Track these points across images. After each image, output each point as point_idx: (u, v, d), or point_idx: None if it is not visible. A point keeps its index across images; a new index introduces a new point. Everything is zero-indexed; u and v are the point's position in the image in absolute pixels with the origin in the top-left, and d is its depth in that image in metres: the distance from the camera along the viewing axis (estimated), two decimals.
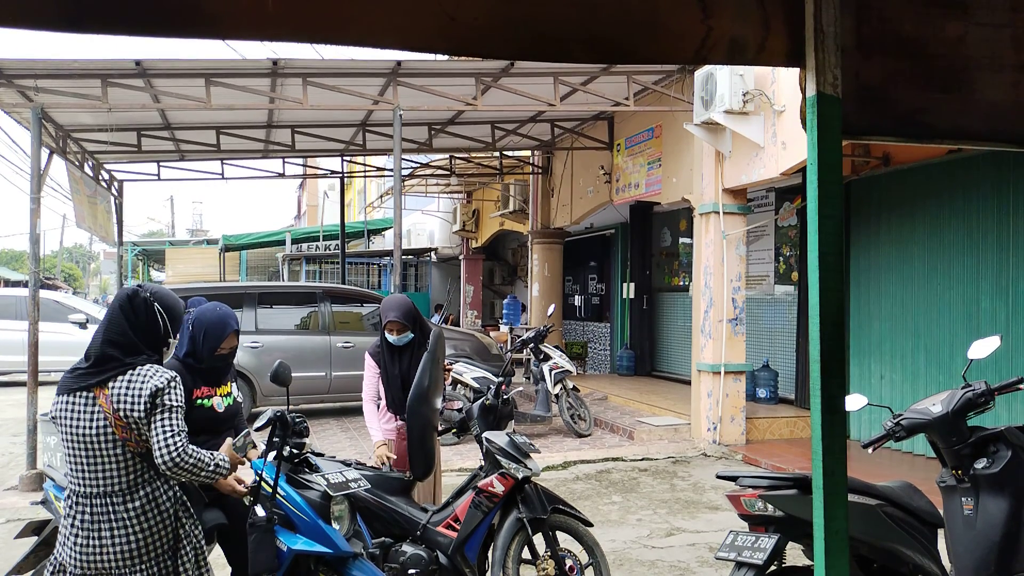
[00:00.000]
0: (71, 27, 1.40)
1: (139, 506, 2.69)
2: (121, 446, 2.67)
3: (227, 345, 3.50)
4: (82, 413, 2.68)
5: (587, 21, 1.62)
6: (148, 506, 2.70)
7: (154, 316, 2.80)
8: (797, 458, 7.67)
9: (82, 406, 2.68)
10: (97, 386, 2.69)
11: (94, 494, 2.68)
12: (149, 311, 2.80)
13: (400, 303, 4.53)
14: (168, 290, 2.99)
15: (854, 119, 1.76)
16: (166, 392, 2.69)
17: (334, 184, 25.65)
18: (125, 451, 2.68)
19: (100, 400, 2.67)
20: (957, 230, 7.52)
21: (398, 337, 4.49)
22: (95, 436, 2.66)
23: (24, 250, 51.83)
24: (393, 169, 8.85)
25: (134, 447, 2.69)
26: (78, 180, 10.08)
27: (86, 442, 2.67)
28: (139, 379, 2.69)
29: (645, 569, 4.98)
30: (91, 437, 2.66)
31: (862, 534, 3.06)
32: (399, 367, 4.51)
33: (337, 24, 1.49)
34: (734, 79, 7.74)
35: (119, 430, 2.66)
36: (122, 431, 2.67)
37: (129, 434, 2.67)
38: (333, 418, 10.47)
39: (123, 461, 2.68)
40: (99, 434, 2.66)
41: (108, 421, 2.66)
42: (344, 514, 3.54)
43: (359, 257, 20.80)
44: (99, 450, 2.66)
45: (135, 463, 2.70)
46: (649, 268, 13.60)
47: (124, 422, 2.66)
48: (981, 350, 3.40)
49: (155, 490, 2.74)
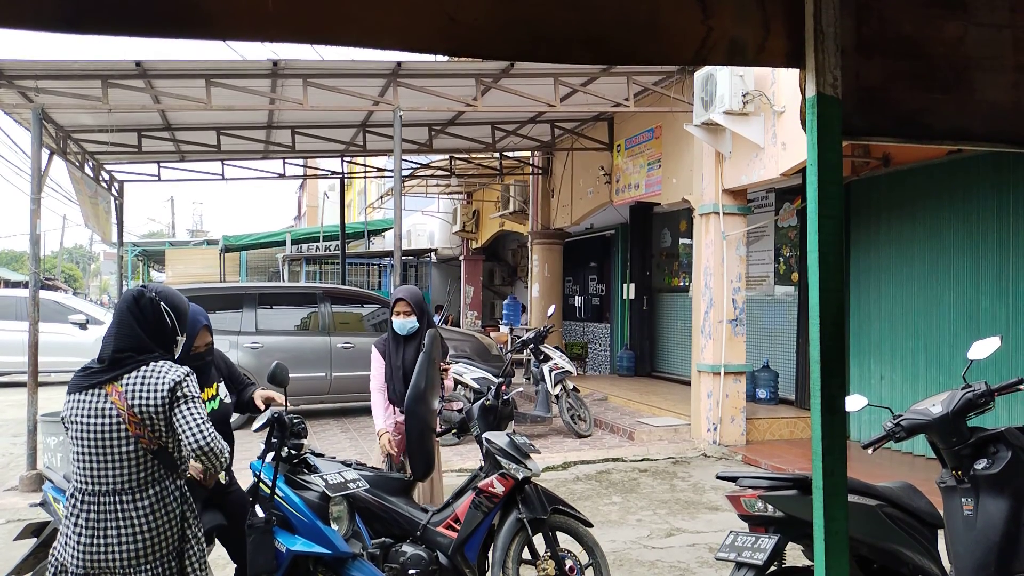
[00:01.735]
0: (70, 28, 1.40)
1: (148, 505, 2.68)
2: (134, 443, 2.66)
3: (200, 342, 3.47)
4: (94, 409, 2.67)
5: (587, 22, 1.62)
6: (156, 505, 2.69)
7: (161, 315, 2.81)
8: (797, 458, 7.67)
9: (94, 403, 2.68)
10: (109, 383, 2.68)
11: (103, 491, 2.66)
12: (156, 310, 2.81)
13: (412, 289, 4.72)
14: (173, 289, 2.99)
15: (854, 120, 1.76)
16: (185, 385, 2.70)
17: (334, 185, 25.66)
18: (138, 448, 2.67)
19: (113, 397, 2.66)
20: (957, 230, 7.52)
21: (403, 321, 4.53)
22: (107, 432, 2.65)
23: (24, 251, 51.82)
24: (393, 170, 8.85)
25: (147, 444, 2.68)
26: (79, 181, 10.09)
27: (97, 439, 2.65)
28: (154, 374, 2.69)
29: (645, 569, 4.98)
30: (103, 433, 2.65)
31: (862, 534, 3.06)
32: (403, 359, 4.55)
33: (337, 24, 1.49)
34: (734, 80, 7.75)
35: (132, 427, 2.65)
36: (135, 427, 2.65)
37: (143, 430, 2.66)
38: (333, 418, 10.47)
39: (134, 458, 2.67)
40: (111, 430, 2.65)
41: (122, 417, 2.65)
42: (343, 515, 3.54)
43: (359, 258, 20.79)
44: (111, 447, 2.65)
45: (146, 460, 2.69)
46: (649, 269, 13.60)
47: (138, 418, 2.65)
48: (981, 351, 3.40)
49: (164, 489, 2.73)
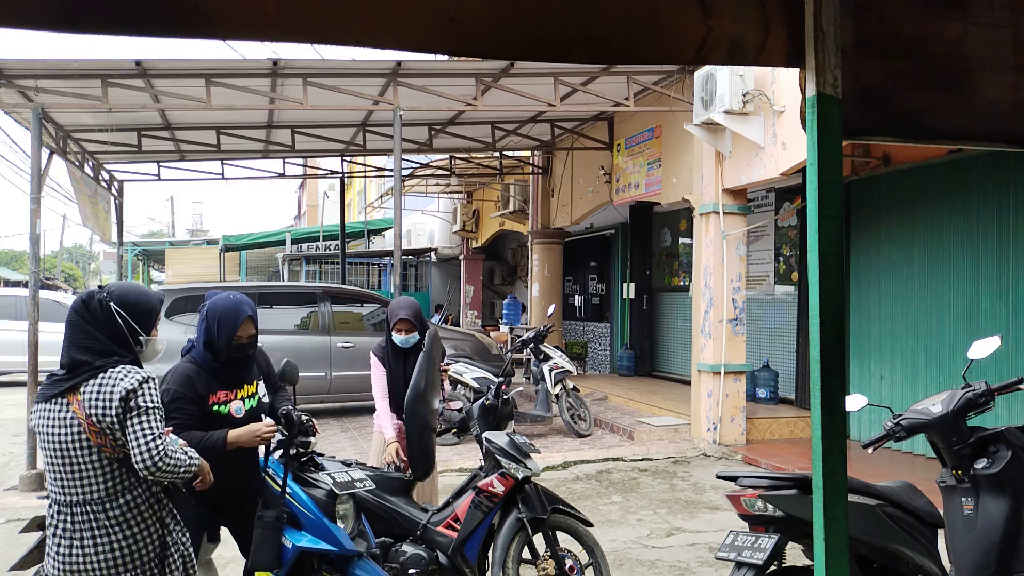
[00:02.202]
0: (70, 27, 1.39)
1: (119, 514, 2.60)
2: (97, 452, 2.58)
3: (244, 333, 3.38)
4: (56, 419, 2.59)
5: (587, 22, 1.62)
6: (130, 513, 2.62)
7: (112, 316, 2.68)
8: (797, 458, 7.67)
9: (57, 413, 2.60)
10: (70, 392, 2.60)
11: (74, 503, 2.59)
12: (106, 311, 2.68)
13: (411, 304, 4.61)
14: (132, 286, 2.85)
15: (854, 119, 1.76)
16: (139, 394, 2.58)
17: (334, 184, 25.69)
18: (101, 457, 2.59)
19: (74, 406, 2.58)
20: (957, 230, 7.51)
21: (405, 338, 4.51)
22: (71, 443, 2.58)
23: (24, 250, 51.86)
24: (393, 169, 8.85)
25: (110, 453, 2.60)
26: (79, 180, 10.08)
27: (63, 450, 2.59)
28: (109, 382, 2.58)
29: (645, 569, 4.98)
30: (67, 444, 2.58)
31: (862, 534, 3.06)
32: (404, 370, 4.51)
33: (337, 24, 1.49)
34: (734, 79, 7.74)
35: (94, 436, 2.57)
36: (96, 437, 2.57)
37: (104, 440, 2.58)
38: (333, 418, 10.48)
39: (100, 468, 2.59)
40: (75, 441, 2.58)
41: (83, 427, 2.57)
42: (349, 513, 3.55)
43: (359, 257, 20.78)
44: (76, 458, 2.58)
45: (113, 469, 2.61)
46: (649, 268, 13.60)
47: (97, 428, 2.57)
48: (981, 350, 3.40)
49: (136, 497, 2.64)
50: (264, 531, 3.27)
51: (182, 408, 3.26)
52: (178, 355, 3.51)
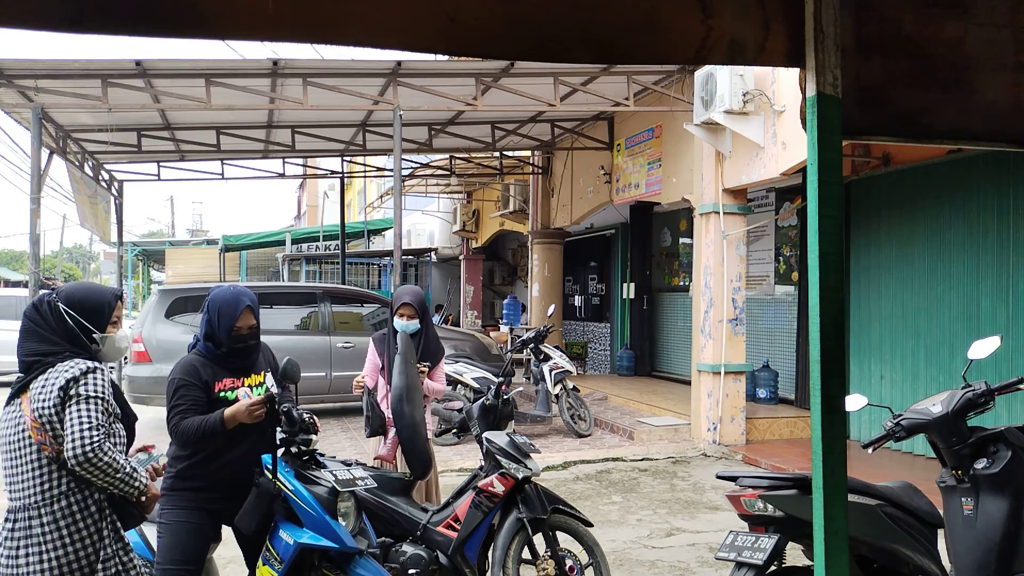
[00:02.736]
0: (71, 27, 1.40)
1: (52, 520, 2.46)
2: (37, 451, 2.49)
3: (243, 323, 3.38)
4: (9, 421, 2.54)
5: (587, 22, 1.62)
6: (63, 521, 2.47)
7: (61, 316, 2.62)
8: (797, 458, 7.67)
9: (11, 414, 2.55)
10: (23, 391, 2.54)
11: (17, 508, 2.49)
12: (55, 312, 2.63)
13: (416, 291, 4.74)
14: (81, 285, 2.79)
15: (854, 119, 1.76)
16: (81, 382, 2.48)
17: (334, 184, 25.65)
18: (40, 457, 2.49)
19: (23, 404, 2.52)
20: (957, 230, 7.51)
21: (407, 323, 4.56)
22: (17, 443, 2.51)
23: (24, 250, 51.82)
24: (393, 169, 8.86)
25: (49, 451, 2.49)
26: (78, 180, 10.09)
27: (11, 451, 2.52)
28: (55, 374, 2.51)
29: (645, 569, 4.98)
30: (14, 445, 2.52)
31: (862, 534, 3.06)
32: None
33: (337, 24, 1.49)
34: (734, 79, 7.74)
35: (35, 433, 2.48)
36: (37, 433, 2.48)
37: (44, 436, 2.48)
38: (333, 418, 10.48)
39: (38, 469, 2.49)
40: (19, 440, 2.51)
41: (26, 424, 2.50)
42: (350, 511, 3.55)
43: (359, 257, 20.79)
44: (19, 458, 2.51)
45: (51, 471, 2.49)
46: (649, 268, 13.60)
47: (39, 423, 2.47)
48: (981, 350, 3.40)
49: (73, 504, 2.50)
50: (256, 497, 3.27)
51: (187, 394, 3.26)
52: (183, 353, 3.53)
